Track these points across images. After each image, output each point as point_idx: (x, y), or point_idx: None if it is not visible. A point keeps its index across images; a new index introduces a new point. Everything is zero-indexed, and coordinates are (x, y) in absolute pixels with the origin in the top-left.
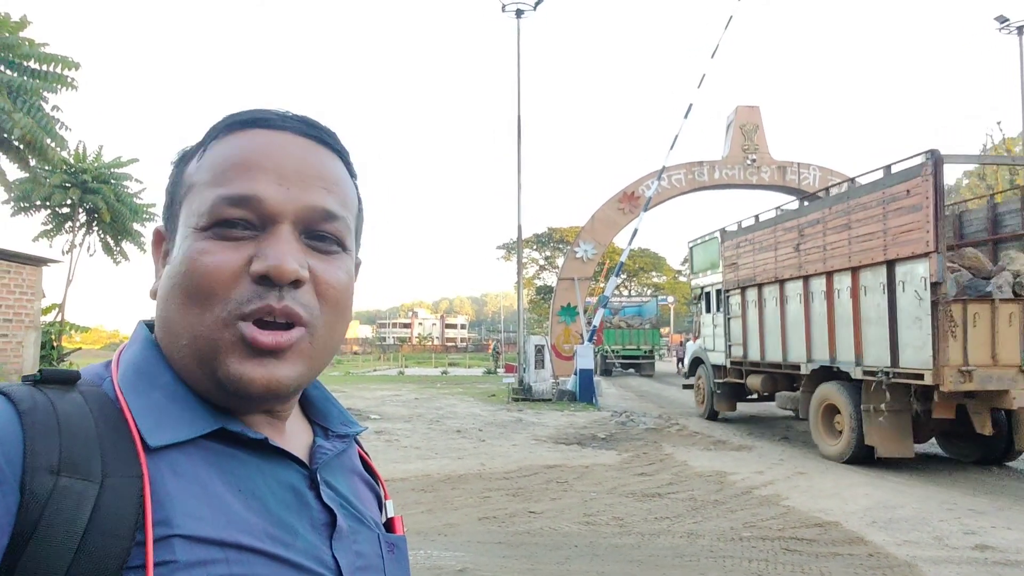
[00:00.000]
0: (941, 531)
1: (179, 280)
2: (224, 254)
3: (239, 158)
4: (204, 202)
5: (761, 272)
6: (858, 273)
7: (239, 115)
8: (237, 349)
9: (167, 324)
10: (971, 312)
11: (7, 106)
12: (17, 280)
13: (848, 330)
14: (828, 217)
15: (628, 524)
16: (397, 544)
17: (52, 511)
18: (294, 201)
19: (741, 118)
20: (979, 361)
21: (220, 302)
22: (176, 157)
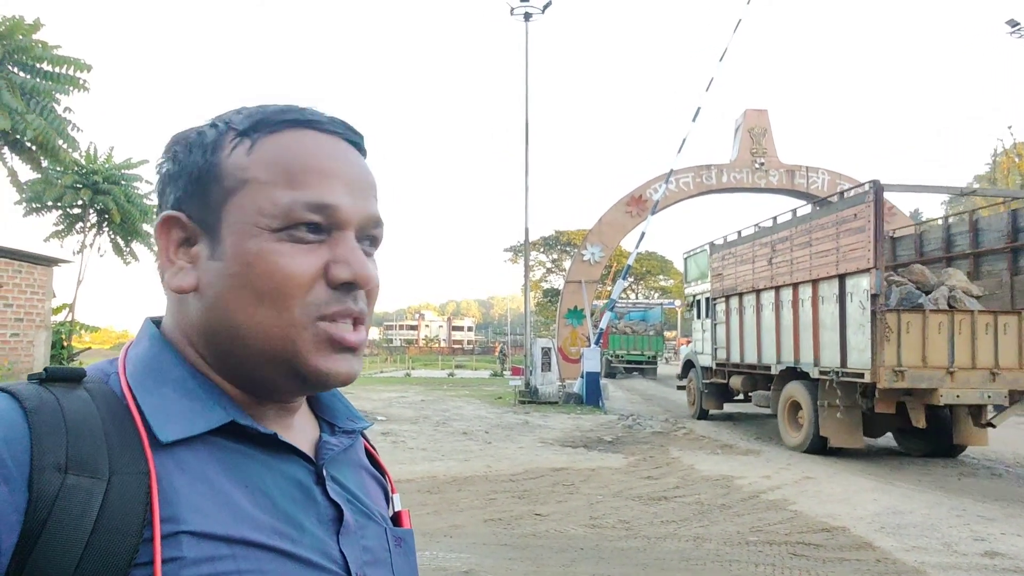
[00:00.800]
0: (950, 537)
1: (249, 280)
2: (302, 258)
3: (311, 163)
4: (277, 203)
5: (742, 282)
6: (817, 285)
7: (288, 112)
8: (322, 347)
9: (226, 322)
10: (904, 321)
11: (20, 108)
12: (28, 280)
13: (809, 335)
14: (795, 235)
15: (634, 527)
16: (404, 538)
17: (60, 509)
18: (359, 210)
19: (749, 122)
20: (911, 363)
21: (298, 304)
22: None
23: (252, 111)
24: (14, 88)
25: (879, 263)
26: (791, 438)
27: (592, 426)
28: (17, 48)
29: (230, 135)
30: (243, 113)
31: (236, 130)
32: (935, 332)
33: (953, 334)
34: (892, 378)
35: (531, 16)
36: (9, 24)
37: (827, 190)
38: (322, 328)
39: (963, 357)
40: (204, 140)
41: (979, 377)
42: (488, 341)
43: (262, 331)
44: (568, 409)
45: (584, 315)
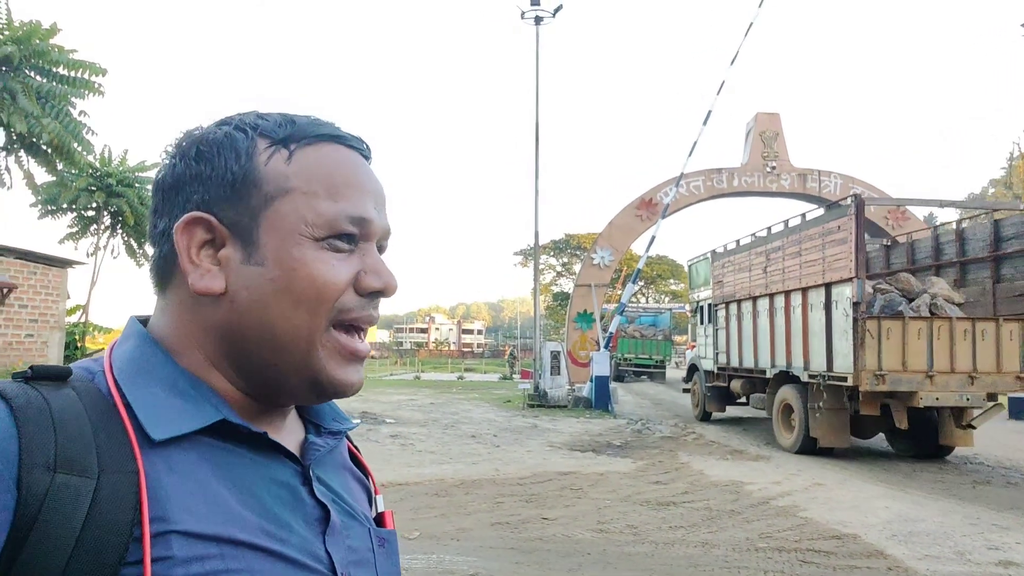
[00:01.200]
0: (963, 546)
1: (291, 284)
2: (341, 266)
3: (348, 177)
4: (321, 214)
5: (739, 289)
6: (806, 293)
7: (321, 126)
8: (337, 356)
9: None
10: (885, 327)
11: (36, 111)
12: (43, 281)
13: (799, 340)
14: (786, 245)
15: (642, 533)
16: (387, 538)
17: (49, 508)
18: (382, 224)
19: (761, 125)
20: (891, 367)
21: (327, 310)
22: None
23: (281, 120)
24: (30, 92)
25: (860, 273)
26: (784, 439)
27: (601, 430)
28: (34, 52)
29: (263, 142)
30: (271, 120)
31: (271, 138)
32: (915, 338)
33: (932, 340)
34: (873, 382)
35: (542, 20)
36: (27, 29)
37: (839, 194)
38: (335, 337)
39: (942, 361)
40: (236, 144)
41: (958, 380)
42: (498, 344)
43: (294, 335)
44: (577, 413)
45: (594, 319)
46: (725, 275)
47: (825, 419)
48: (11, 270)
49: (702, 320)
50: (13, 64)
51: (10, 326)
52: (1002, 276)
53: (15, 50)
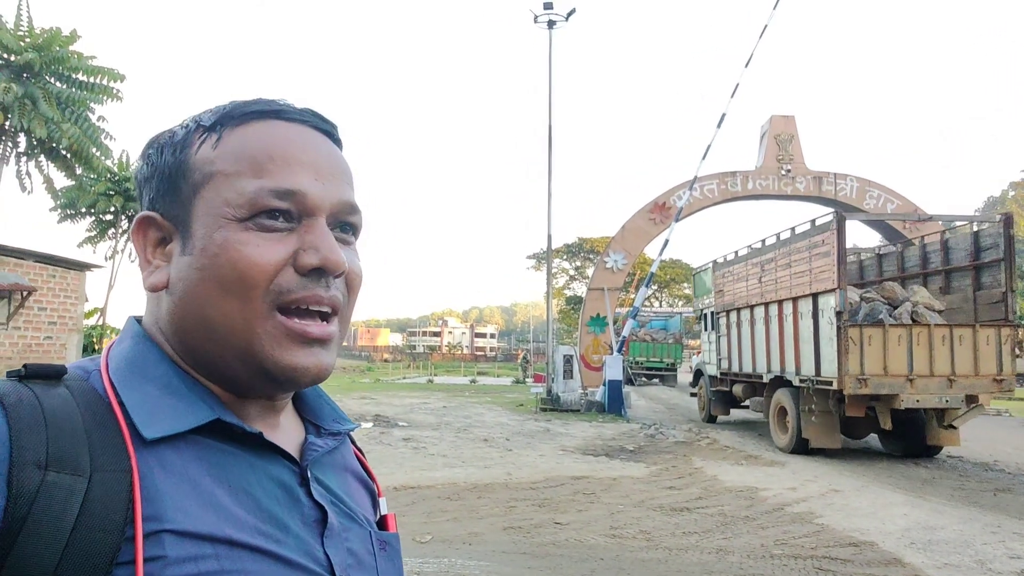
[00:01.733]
0: (984, 554)
1: (216, 271)
2: (268, 246)
3: (275, 150)
4: (242, 193)
5: (738, 298)
6: (796, 302)
7: (254, 104)
8: (284, 341)
9: (194, 315)
10: (867, 334)
11: (56, 117)
12: (62, 284)
13: (791, 347)
14: (778, 257)
15: (655, 538)
16: (389, 542)
17: (40, 507)
18: (329, 196)
19: (776, 128)
20: (873, 372)
21: (261, 293)
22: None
23: (220, 107)
24: (51, 98)
25: (842, 283)
26: (779, 440)
27: (614, 434)
28: (54, 59)
29: (198, 132)
30: (212, 110)
31: (204, 126)
32: (895, 344)
33: (912, 345)
34: (856, 385)
35: (555, 23)
36: (47, 36)
37: (856, 197)
38: (280, 321)
39: (921, 365)
40: (174, 139)
41: (937, 383)
42: (511, 348)
43: (228, 323)
44: (590, 417)
45: (606, 323)
46: (725, 284)
47: (816, 421)
48: (30, 273)
49: (706, 327)
50: (34, 70)
51: (29, 328)
52: (982, 284)
53: (36, 57)
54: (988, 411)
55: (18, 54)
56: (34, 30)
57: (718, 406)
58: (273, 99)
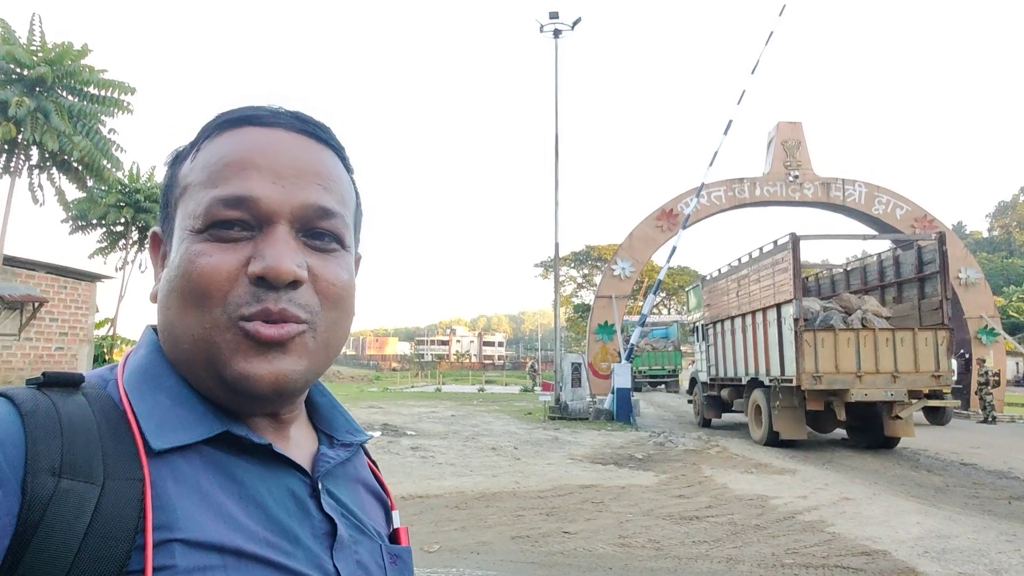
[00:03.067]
0: (999, 563)
1: (176, 284)
2: (221, 256)
3: (232, 157)
4: (199, 204)
5: (722, 311)
6: (765, 312)
7: (231, 112)
8: (241, 348)
9: (168, 328)
10: (820, 338)
11: (68, 130)
12: (73, 295)
13: (763, 351)
14: (751, 273)
15: (665, 547)
16: (401, 555)
17: (53, 513)
18: (290, 200)
19: (783, 134)
20: (826, 370)
21: (219, 305)
22: (170, 158)
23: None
24: (62, 111)
25: (798, 295)
26: (755, 434)
27: (623, 443)
28: (66, 73)
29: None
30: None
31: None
32: (845, 346)
33: (859, 347)
34: (812, 382)
35: (561, 33)
36: (59, 51)
37: (864, 202)
38: (240, 327)
39: (868, 364)
40: (173, 159)
41: (883, 380)
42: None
43: (190, 335)
44: (598, 425)
45: (615, 330)
46: (711, 298)
47: (784, 415)
48: (42, 285)
49: (698, 338)
50: (47, 84)
51: (41, 339)
52: (925, 294)
53: (48, 71)
54: (1001, 418)
55: (31, 68)
56: (46, 45)
57: (710, 410)
58: (257, 105)
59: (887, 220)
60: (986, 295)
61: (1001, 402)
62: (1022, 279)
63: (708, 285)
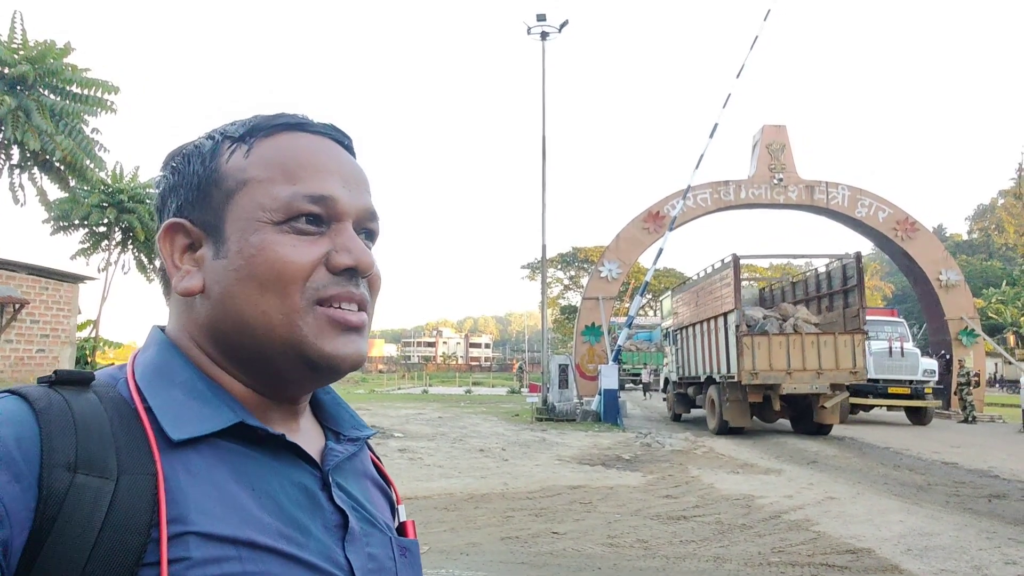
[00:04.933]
0: (980, 560)
1: (253, 271)
2: (304, 247)
3: (306, 159)
4: (277, 198)
5: (686, 318)
6: (716, 320)
7: (281, 117)
8: (326, 330)
9: (235, 315)
10: (756, 341)
11: (50, 129)
12: (55, 297)
13: (715, 353)
14: (706, 287)
15: (653, 547)
16: (409, 548)
17: (70, 508)
18: (355, 203)
19: (767, 137)
20: (761, 368)
21: (300, 291)
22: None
23: (245, 120)
24: (44, 110)
25: (738, 305)
26: (711, 423)
27: (610, 443)
28: (48, 71)
29: (226, 143)
30: (237, 123)
31: (232, 137)
32: (777, 348)
33: (789, 349)
34: (750, 378)
35: (548, 35)
36: (41, 49)
37: (847, 205)
38: (321, 312)
39: (797, 363)
40: (202, 150)
41: (809, 376)
42: (506, 358)
43: (267, 320)
44: (586, 426)
45: (602, 332)
46: (678, 307)
47: (731, 407)
48: (23, 286)
49: (668, 343)
50: (28, 83)
51: (22, 341)
52: (848, 303)
53: (30, 69)
54: (981, 417)
55: (12, 66)
56: (28, 43)
57: (680, 406)
58: (294, 113)
59: (869, 223)
60: (966, 297)
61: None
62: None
63: (676, 295)
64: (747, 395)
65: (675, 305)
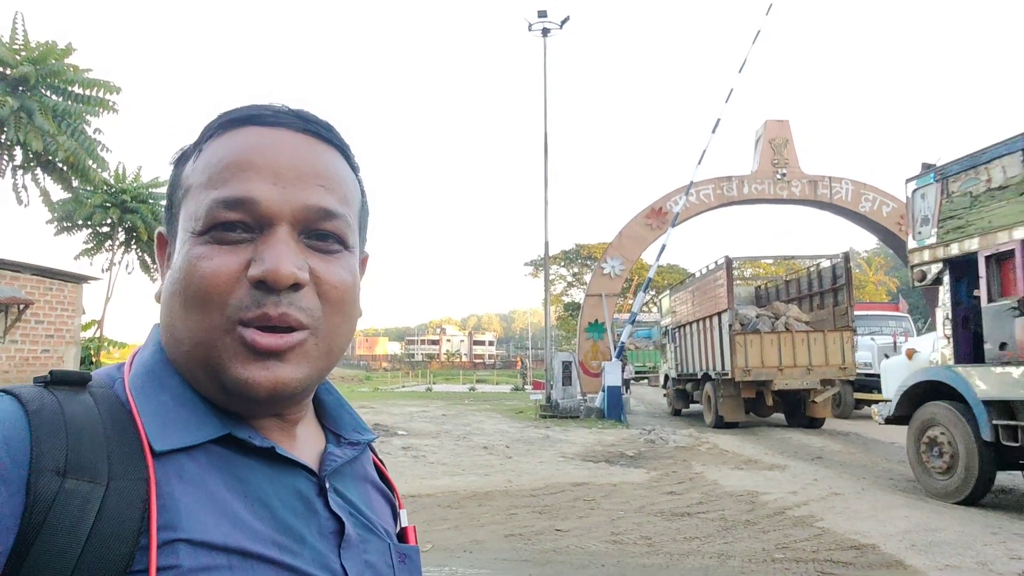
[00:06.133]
0: (985, 556)
1: (178, 286)
2: (221, 259)
3: (232, 158)
4: (200, 205)
5: (684, 317)
6: (711, 319)
7: (233, 112)
8: (240, 353)
9: (169, 329)
10: (748, 339)
11: (52, 129)
12: (59, 297)
13: (710, 350)
14: (701, 286)
15: (656, 544)
16: (409, 554)
17: (57, 513)
18: (291, 201)
19: (770, 132)
20: (754, 365)
21: (218, 308)
22: (175, 157)
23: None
24: (46, 110)
25: (731, 305)
26: (708, 418)
27: (614, 440)
28: (50, 72)
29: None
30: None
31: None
32: (769, 345)
33: (780, 346)
34: (743, 375)
35: (549, 31)
36: (43, 49)
37: (851, 200)
38: (238, 333)
39: (788, 359)
40: (178, 159)
41: (799, 372)
42: (509, 355)
43: (191, 337)
44: (589, 423)
45: (605, 328)
46: (676, 306)
47: (726, 403)
48: (27, 286)
49: (668, 340)
50: (30, 84)
51: (26, 341)
52: (837, 301)
53: (32, 70)
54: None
55: (13, 67)
56: (30, 43)
57: (679, 402)
58: (260, 104)
59: (873, 217)
60: None
61: None
62: None
63: (674, 294)
64: (741, 391)
65: (673, 304)
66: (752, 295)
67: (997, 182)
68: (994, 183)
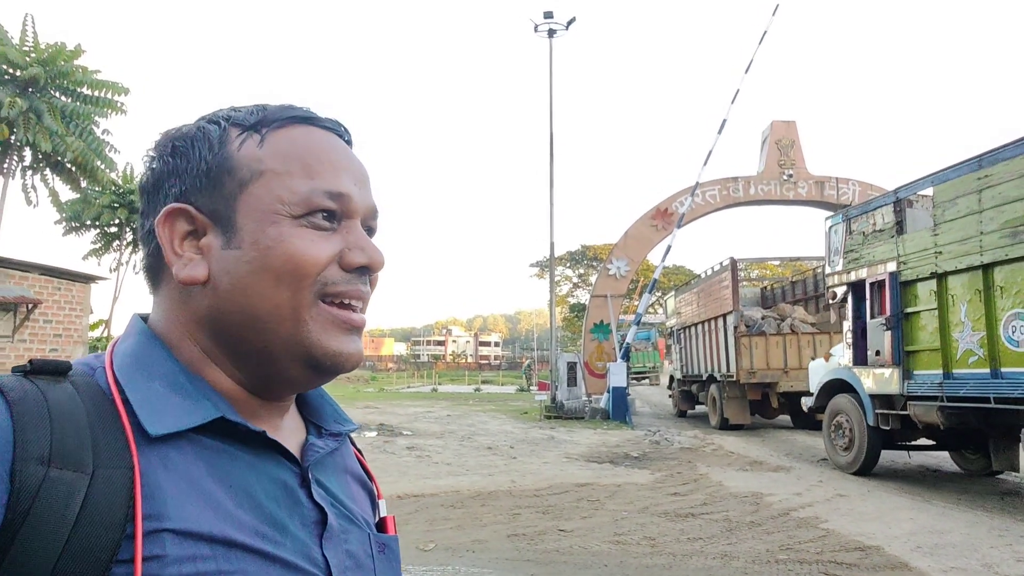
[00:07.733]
0: (991, 558)
1: (269, 263)
2: (320, 242)
3: (324, 155)
4: (296, 192)
5: (689, 318)
6: (716, 320)
7: (291, 109)
8: (331, 327)
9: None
10: (754, 341)
11: (61, 130)
12: (67, 296)
13: (715, 352)
14: (706, 288)
15: (660, 544)
16: (388, 544)
17: (42, 502)
18: (364, 201)
19: (777, 133)
20: (758, 367)
21: (312, 287)
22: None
23: (252, 109)
24: (55, 112)
25: (736, 307)
26: (713, 419)
27: (618, 441)
28: (59, 73)
29: (235, 131)
30: (243, 110)
31: (242, 126)
32: (774, 347)
33: (786, 348)
34: (748, 376)
35: (555, 32)
36: (52, 51)
37: (858, 201)
38: (326, 309)
39: (793, 361)
40: (209, 136)
41: (805, 374)
42: (515, 356)
43: (277, 313)
44: (594, 424)
45: (610, 330)
46: (681, 307)
47: (731, 404)
48: (36, 286)
49: (673, 341)
50: (39, 85)
51: (35, 341)
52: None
53: (41, 71)
54: None
55: (23, 69)
56: (39, 45)
57: (684, 403)
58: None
59: None
60: None
61: None
62: None
63: (679, 296)
64: (746, 393)
65: (678, 305)
66: (758, 296)
67: (879, 226)
68: (877, 226)
